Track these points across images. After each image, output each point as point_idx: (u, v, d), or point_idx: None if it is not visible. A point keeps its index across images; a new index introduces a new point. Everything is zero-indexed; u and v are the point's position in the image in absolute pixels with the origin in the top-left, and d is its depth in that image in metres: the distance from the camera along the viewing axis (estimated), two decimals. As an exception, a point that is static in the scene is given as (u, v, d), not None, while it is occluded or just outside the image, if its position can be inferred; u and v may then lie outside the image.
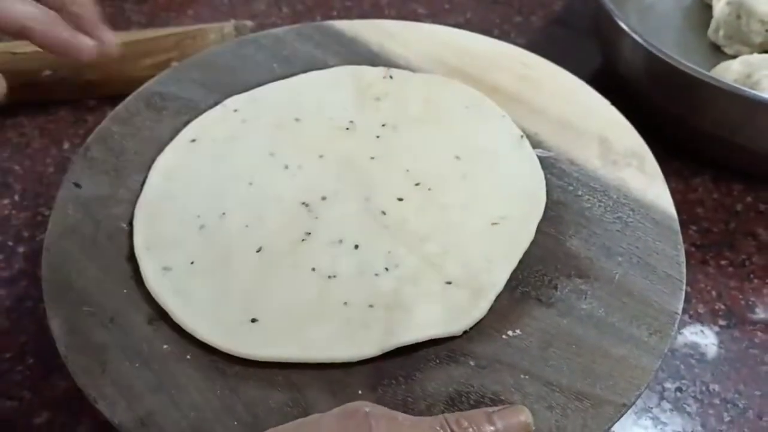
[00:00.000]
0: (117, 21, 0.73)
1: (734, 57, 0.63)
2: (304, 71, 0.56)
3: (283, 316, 0.40)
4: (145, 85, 0.55)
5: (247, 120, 0.51)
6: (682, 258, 0.44)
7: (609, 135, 0.51)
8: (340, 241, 0.44)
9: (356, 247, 0.43)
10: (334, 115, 0.51)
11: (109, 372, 0.39)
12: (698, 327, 0.50)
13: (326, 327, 0.40)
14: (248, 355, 0.39)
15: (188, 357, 0.39)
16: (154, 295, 0.42)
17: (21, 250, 0.54)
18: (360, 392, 0.38)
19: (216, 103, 0.53)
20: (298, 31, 0.59)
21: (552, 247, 0.44)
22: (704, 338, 0.50)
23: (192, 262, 0.43)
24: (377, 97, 0.53)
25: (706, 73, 0.53)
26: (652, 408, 0.46)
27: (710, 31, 0.68)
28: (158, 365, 0.39)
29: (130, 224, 0.46)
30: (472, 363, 0.39)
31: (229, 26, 0.65)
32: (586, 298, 0.42)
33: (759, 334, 0.50)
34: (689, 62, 0.53)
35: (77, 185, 0.48)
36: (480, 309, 0.40)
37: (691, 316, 0.51)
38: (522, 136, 0.50)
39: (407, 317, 0.40)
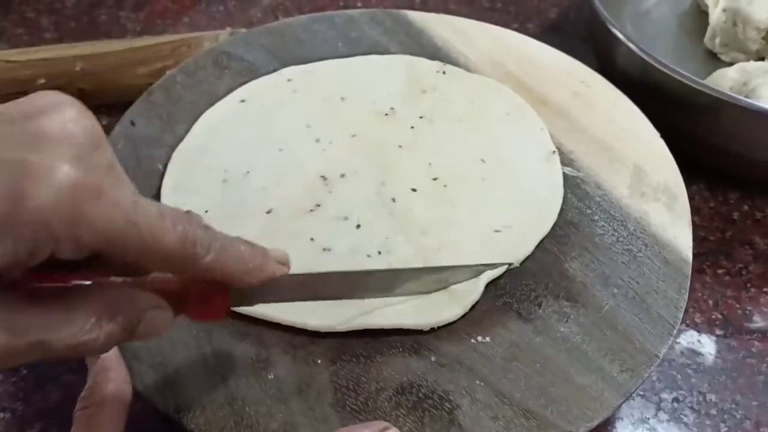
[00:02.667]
0: (112, 28, 0.73)
1: (730, 64, 0.62)
2: (366, 54, 0.57)
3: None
4: (218, 43, 0.59)
5: (297, 90, 0.54)
6: (683, 304, 0.42)
7: (646, 166, 0.49)
8: (345, 218, 0.45)
9: (358, 226, 0.45)
10: (378, 100, 0.53)
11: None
12: (695, 336, 0.49)
13: (306, 295, 0.41)
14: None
15: (178, 295, 0.42)
16: (165, 234, 0.45)
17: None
18: (319, 361, 0.39)
19: (275, 70, 0.56)
20: (372, 15, 0.61)
21: (548, 265, 0.44)
22: (701, 347, 0.49)
23: (206, 211, 0.46)
24: (424, 89, 0.54)
25: (702, 81, 0.53)
26: (648, 419, 0.45)
27: (706, 39, 0.67)
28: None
29: (166, 166, 0.49)
30: (432, 359, 0.39)
31: (224, 34, 0.64)
32: (567, 321, 0.41)
33: (756, 343, 0.49)
34: (685, 70, 0.53)
35: (132, 123, 0.52)
36: (451, 313, 0.40)
37: (687, 325, 0.50)
38: (554, 152, 0.49)
39: (382, 302, 0.41)
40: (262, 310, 0.41)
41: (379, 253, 0.43)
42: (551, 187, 0.47)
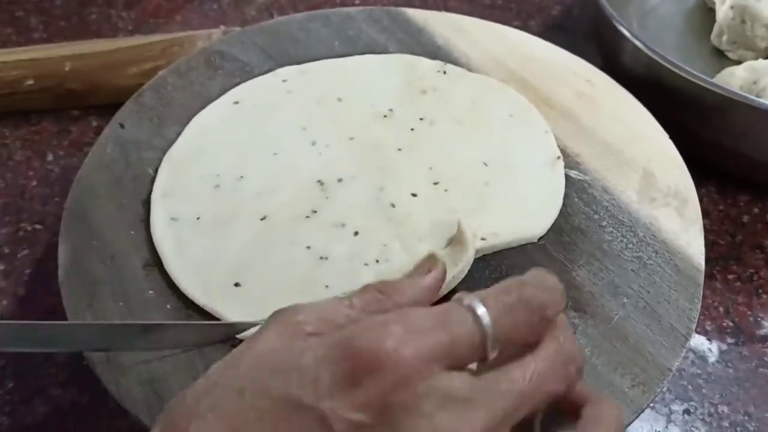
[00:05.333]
0: (103, 28, 0.71)
1: (738, 62, 0.61)
2: (363, 53, 0.55)
3: (265, 287, 0.41)
4: (211, 42, 0.57)
5: (292, 91, 0.52)
6: (695, 314, 0.40)
7: (655, 169, 0.47)
8: (343, 225, 0.43)
9: (356, 233, 0.43)
10: (376, 101, 0.51)
11: (95, 305, 0.41)
12: (706, 345, 0.48)
13: (302, 306, 0.40)
14: (222, 315, 0.39)
15: (168, 306, 0.40)
16: (154, 242, 0.43)
17: (2, 267, 0.51)
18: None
19: (270, 71, 0.54)
20: (369, 13, 0.59)
21: (555, 274, 0.41)
22: (712, 356, 0.47)
23: (198, 218, 0.44)
24: (424, 90, 0.52)
25: (710, 80, 0.51)
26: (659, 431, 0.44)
27: (713, 36, 0.65)
28: (139, 308, 0.40)
29: (156, 171, 0.47)
30: (434, 373, 0.38)
31: (217, 33, 0.62)
32: (575, 333, 0.39)
33: None
34: (692, 68, 0.51)
35: (122, 126, 0.50)
36: None
37: (698, 333, 0.48)
38: (558, 157, 0.47)
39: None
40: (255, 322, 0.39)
41: (377, 261, 0.42)
42: (552, 196, 0.45)
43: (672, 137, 0.50)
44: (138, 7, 0.73)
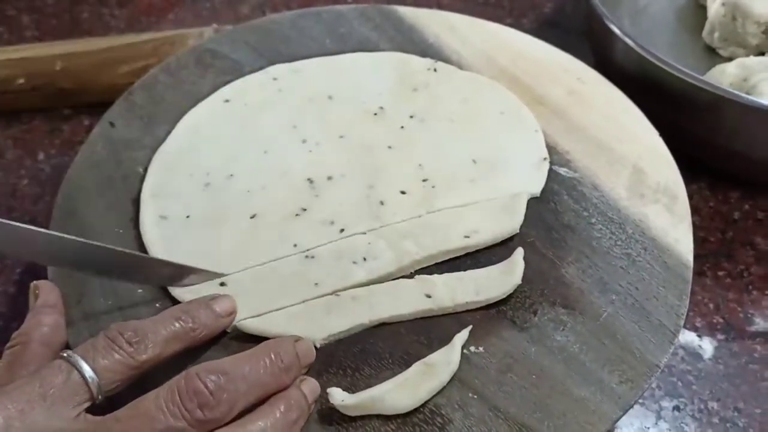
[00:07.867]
0: (95, 26, 0.70)
1: (729, 59, 0.61)
2: (355, 51, 0.55)
3: (253, 286, 0.41)
4: (202, 40, 0.57)
5: (283, 90, 0.52)
6: (684, 311, 0.40)
7: (645, 166, 0.47)
8: (331, 223, 0.43)
9: (341, 231, 0.43)
10: (367, 99, 0.51)
11: (84, 304, 0.41)
12: (696, 341, 0.48)
13: (290, 304, 0.40)
14: (210, 315, 0.39)
15: (157, 305, 0.40)
16: (143, 240, 0.43)
17: (-8, 267, 0.51)
18: (304, 373, 0.37)
19: (261, 68, 0.54)
20: (361, 11, 0.59)
21: (545, 271, 0.42)
22: (702, 353, 0.47)
23: (188, 216, 0.44)
24: (415, 87, 0.52)
25: (701, 78, 0.51)
26: (649, 428, 0.44)
27: (705, 33, 0.65)
28: (128, 307, 0.40)
29: (146, 169, 0.47)
30: (423, 370, 0.38)
31: (209, 31, 0.61)
32: (563, 329, 0.39)
33: (758, 348, 0.47)
34: (683, 65, 0.51)
35: (112, 124, 0.50)
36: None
37: (688, 330, 0.48)
38: (545, 159, 0.47)
39: (367, 313, 0.39)
40: (243, 323, 0.39)
41: (364, 259, 0.41)
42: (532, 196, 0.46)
43: (663, 135, 0.50)
44: (130, 5, 0.73)
